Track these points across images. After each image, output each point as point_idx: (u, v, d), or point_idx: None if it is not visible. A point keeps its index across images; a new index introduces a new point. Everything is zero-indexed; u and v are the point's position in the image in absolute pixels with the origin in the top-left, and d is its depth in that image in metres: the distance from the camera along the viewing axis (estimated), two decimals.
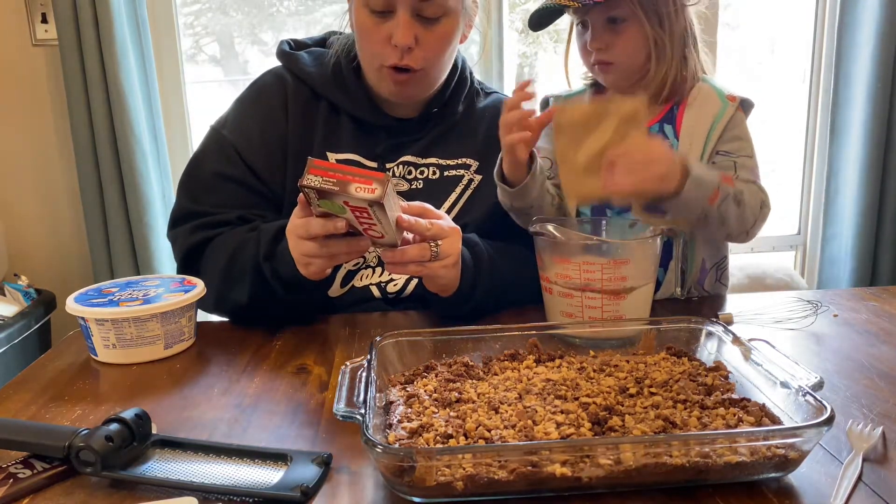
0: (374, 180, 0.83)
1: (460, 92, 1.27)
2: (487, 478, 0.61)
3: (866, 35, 2.14)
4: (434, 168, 1.25)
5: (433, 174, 1.24)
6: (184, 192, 1.22)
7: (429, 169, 1.24)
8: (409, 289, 1.21)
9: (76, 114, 1.98)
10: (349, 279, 1.21)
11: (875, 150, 2.18)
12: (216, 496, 0.66)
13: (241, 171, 1.19)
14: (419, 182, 1.24)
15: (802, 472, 0.66)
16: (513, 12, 2.32)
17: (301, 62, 1.24)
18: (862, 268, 2.26)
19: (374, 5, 1.09)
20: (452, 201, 1.24)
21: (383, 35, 1.10)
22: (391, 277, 1.21)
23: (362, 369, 0.76)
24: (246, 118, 1.22)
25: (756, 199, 1.11)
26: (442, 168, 1.25)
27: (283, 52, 1.26)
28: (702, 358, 0.86)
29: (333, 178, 0.84)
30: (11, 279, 2.04)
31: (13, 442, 0.72)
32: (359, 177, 0.83)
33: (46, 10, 2.01)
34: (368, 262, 1.21)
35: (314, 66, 1.23)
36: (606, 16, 1.11)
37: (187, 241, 1.17)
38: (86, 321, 0.98)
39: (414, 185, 1.23)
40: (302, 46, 1.29)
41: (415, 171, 1.24)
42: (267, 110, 1.22)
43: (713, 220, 1.07)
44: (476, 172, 1.26)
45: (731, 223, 1.08)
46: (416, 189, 1.23)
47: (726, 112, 1.15)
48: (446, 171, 1.25)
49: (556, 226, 1.02)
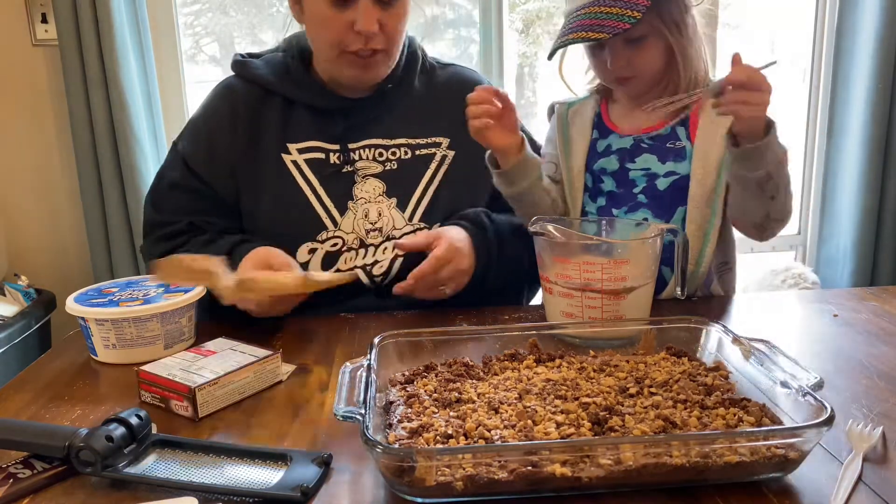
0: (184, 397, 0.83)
1: (413, 66, 1.30)
2: (487, 478, 0.61)
3: (866, 35, 2.14)
4: (405, 148, 1.27)
5: (405, 154, 1.27)
6: (148, 204, 1.29)
7: (400, 150, 1.27)
8: (395, 270, 1.22)
9: (76, 114, 1.98)
10: (332, 262, 1.21)
11: (875, 151, 2.18)
12: (216, 496, 0.65)
13: (190, 181, 1.25)
14: (392, 163, 1.26)
15: (802, 472, 0.66)
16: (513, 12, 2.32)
17: (251, 66, 1.28)
18: (861, 268, 2.26)
19: None
20: (428, 178, 1.27)
21: (344, 23, 1.13)
22: (375, 259, 1.22)
23: (362, 369, 0.76)
24: (195, 131, 1.28)
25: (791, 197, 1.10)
26: (412, 147, 1.27)
27: (235, 62, 1.31)
28: (702, 358, 0.86)
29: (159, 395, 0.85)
30: (11, 279, 2.03)
31: (13, 442, 0.72)
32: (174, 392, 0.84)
33: (46, 10, 2.01)
34: (349, 244, 1.22)
35: (264, 68, 1.27)
36: (626, 38, 1.11)
37: (153, 252, 1.22)
38: (86, 321, 0.98)
39: (387, 167, 1.25)
40: (253, 56, 1.33)
41: (386, 153, 1.26)
42: (214, 122, 1.27)
43: (771, 185, 1.05)
44: (448, 149, 1.29)
45: (780, 200, 1.07)
46: (391, 170, 1.25)
47: None
48: (417, 150, 1.27)
49: (556, 226, 1.02)
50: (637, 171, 1.19)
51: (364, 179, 1.24)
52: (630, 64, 1.13)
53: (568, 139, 1.25)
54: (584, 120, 1.25)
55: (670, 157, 1.18)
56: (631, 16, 1.06)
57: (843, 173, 2.27)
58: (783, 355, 0.77)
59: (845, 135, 2.25)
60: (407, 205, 1.24)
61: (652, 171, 1.17)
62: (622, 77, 1.15)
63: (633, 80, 1.16)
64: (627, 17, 1.06)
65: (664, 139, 1.19)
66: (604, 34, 1.07)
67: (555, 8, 2.41)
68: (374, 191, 1.24)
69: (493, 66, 2.23)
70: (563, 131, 1.26)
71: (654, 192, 1.18)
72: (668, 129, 1.19)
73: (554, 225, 1.02)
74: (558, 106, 1.28)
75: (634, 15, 1.06)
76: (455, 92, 1.28)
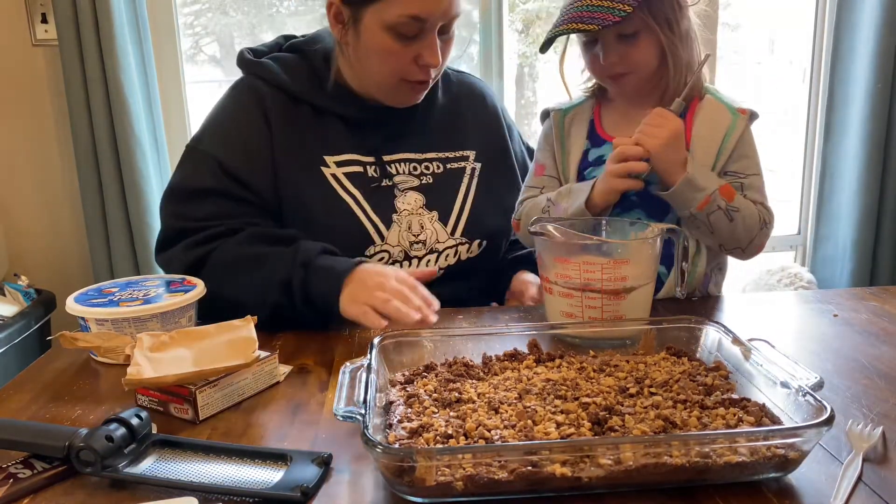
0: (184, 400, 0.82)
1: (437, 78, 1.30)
2: (487, 478, 0.61)
3: (865, 35, 2.14)
4: (437, 162, 1.27)
5: (437, 168, 1.27)
6: (169, 214, 1.20)
7: (433, 164, 1.27)
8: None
9: (76, 114, 1.98)
10: None
11: (874, 150, 2.18)
12: (216, 496, 0.65)
13: (224, 183, 1.17)
14: (428, 177, 1.26)
15: (802, 472, 0.66)
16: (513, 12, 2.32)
17: (270, 69, 1.22)
18: (860, 267, 2.26)
19: (404, 31, 1.11)
20: (464, 192, 1.28)
21: (409, 55, 1.13)
22: None
23: (362, 369, 0.76)
24: (225, 129, 1.21)
25: (754, 219, 1.12)
26: (443, 161, 1.28)
27: (248, 62, 1.24)
28: (702, 358, 0.86)
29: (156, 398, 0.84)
30: (11, 279, 2.03)
31: (13, 442, 0.71)
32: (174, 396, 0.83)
33: (46, 10, 2.01)
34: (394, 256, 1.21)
35: (285, 73, 1.22)
36: (618, 32, 1.11)
37: (184, 260, 1.14)
38: (86, 321, 0.98)
39: (423, 181, 1.26)
40: (260, 54, 1.27)
41: (420, 167, 1.26)
42: (246, 118, 1.20)
43: (701, 224, 1.11)
44: (475, 161, 1.30)
45: (722, 235, 1.12)
46: (427, 184, 1.26)
47: (737, 125, 1.15)
48: (448, 164, 1.28)
49: (557, 226, 1.02)
50: None
51: (404, 192, 1.24)
52: (622, 60, 1.13)
53: (565, 148, 1.24)
54: (580, 129, 1.24)
55: None
56: (621, 9, 1.06)
57: (842, 173, 2.27)
58: (783, 355, 0.77)
59: (844, 134, 2.25)
60: (448, 218, 1.26)
61: (644, 177, 1.16)
62: (615, 74, 1.15)
63: (626, 78, 1.15)
64: (618, 10, 1.06)
65: None
66: (594, 25, 1.07)
67: (554, 8, 2.41)
68: (416, 203, 1.24)
69: (493, 66, 2.24)
70: (560, 138, 1.25)
71: (647, 196, 1.17)
72: None
73: (554, 225, 1.02)
74: (554, 113, 1.27)
75: (625, 8, 1.06)
76: (471, 103, 1.34)
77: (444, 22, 1.12)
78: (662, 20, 1.11)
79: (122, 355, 0.95)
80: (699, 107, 1.18)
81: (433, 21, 1.11)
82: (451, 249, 1.26)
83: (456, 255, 1.27)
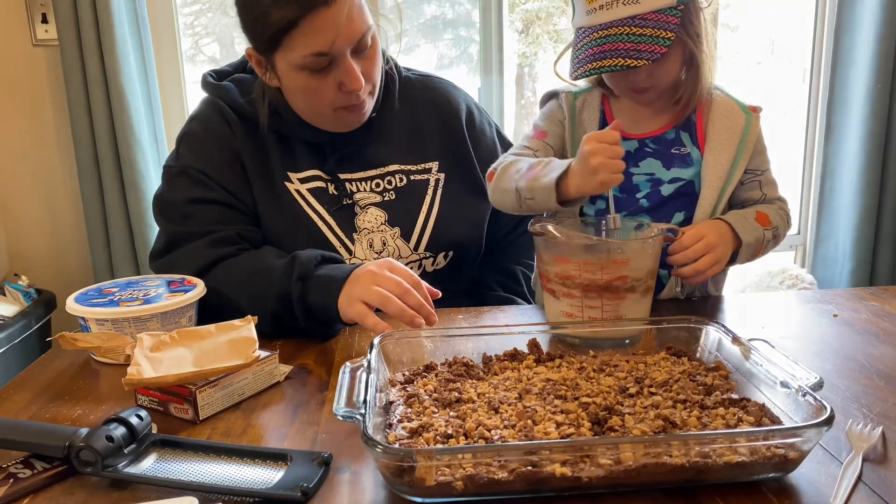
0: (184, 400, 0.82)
1: (392, 87, 1.28)
2: (487, 478, 0.61)
3: (865, 35, 2.15)
4: (399, 175, 1.26)
5: (400, 181, 1.26)
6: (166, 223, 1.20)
7: (395, 177, 1.25)
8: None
9: (76, 114, 1.98)
10: None
11: (874, 150, 2.18)
12: (216, 496, 0.65)
13: (216, 192, 1.18)
14: (390, 193, 1.25)
15: (802, 472, 0.66)
16: (513, 12, 2.32)
17: (230, 94, 1.22)
18: (860, 267, 2.27)
19: (315, 66, 1.09)
20: (428, 205, 1.26)
21: (331, 86, 1.12)
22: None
23: (362, 369, 0.76)
24: (200, 145, 1.21)
25: (784, 221, 1.19)
26: (406, 173, 1.26)
27: (211, 86, 1.24)
28: (702, 358, 0.86)
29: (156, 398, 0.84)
30: (11, 279, 2.04)
31: (13, 442, 0.72)
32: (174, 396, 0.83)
33: (46, 10, 2.01)
34: None
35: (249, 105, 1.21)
36: None
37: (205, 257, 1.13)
38: (86, 321, 0.98)
39: (385, 197, 1.24)
40: (223, 75, 1.27)
41: (382, 183, 1.25)
42: (217, 134, 1.21)
43: (746, 259, 1.17)
44: (439, 171, 1.29)
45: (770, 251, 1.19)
46: (389, 200, 1.24)
47: (752, 123, 1.15)
48: (412, 176, 1.27)
49: (556, 226, 1.02)
50: (641, 176, 1.17)
51: (364, 210, 1.23)
52: (650, 76, 1.10)
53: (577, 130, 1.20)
54: (592, 115, 1.21)
55: (675, 163, 1.16)
56: (665, 37, 1.03)
57: (842, 173, 2.27)
58: (783, 355, 0.77)
59: (844, 134, 2.25)
60: (411, 234, 1.24)
61: (656, 177, 1.16)
62: (640, 88, 1.13)
63: (650, 91, 1.13)
64: (662, 39, 1.03)
65: (668, 144, 1.17)
66: (643, 60, 1.03)
67: (554, 8, 2.41)
68: (377, 220, 1.23)
69: (493, 66, 2.24)
70: (573, 118, 1.21)
71: (658, 198, 1.16)
72: (673, 133, 1.17)
73: (554, 225, 1.02)
74: (565, 94, 1.23)
75: (668, 36, 1.03)
76: (433, 110, 1.30)
77: (351, 46, 1.09)
78: (694, 34, 1.09)
79: (122, 355, 0.95)
80: (711, 106, 1.17)
81: (339, 49, 1.08)
82: (415, 263, 1.25)
83: (420, 267, 1.26)
